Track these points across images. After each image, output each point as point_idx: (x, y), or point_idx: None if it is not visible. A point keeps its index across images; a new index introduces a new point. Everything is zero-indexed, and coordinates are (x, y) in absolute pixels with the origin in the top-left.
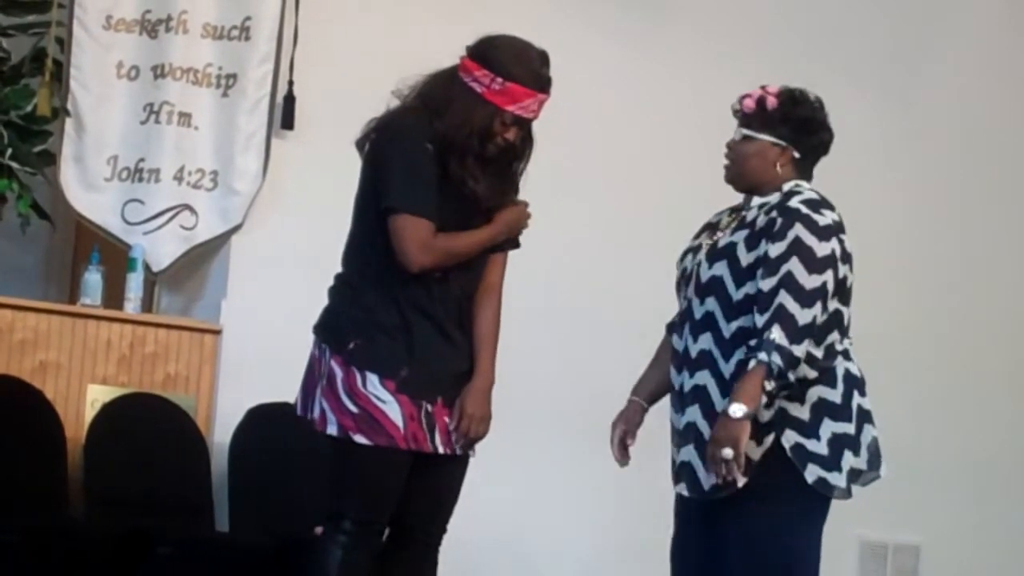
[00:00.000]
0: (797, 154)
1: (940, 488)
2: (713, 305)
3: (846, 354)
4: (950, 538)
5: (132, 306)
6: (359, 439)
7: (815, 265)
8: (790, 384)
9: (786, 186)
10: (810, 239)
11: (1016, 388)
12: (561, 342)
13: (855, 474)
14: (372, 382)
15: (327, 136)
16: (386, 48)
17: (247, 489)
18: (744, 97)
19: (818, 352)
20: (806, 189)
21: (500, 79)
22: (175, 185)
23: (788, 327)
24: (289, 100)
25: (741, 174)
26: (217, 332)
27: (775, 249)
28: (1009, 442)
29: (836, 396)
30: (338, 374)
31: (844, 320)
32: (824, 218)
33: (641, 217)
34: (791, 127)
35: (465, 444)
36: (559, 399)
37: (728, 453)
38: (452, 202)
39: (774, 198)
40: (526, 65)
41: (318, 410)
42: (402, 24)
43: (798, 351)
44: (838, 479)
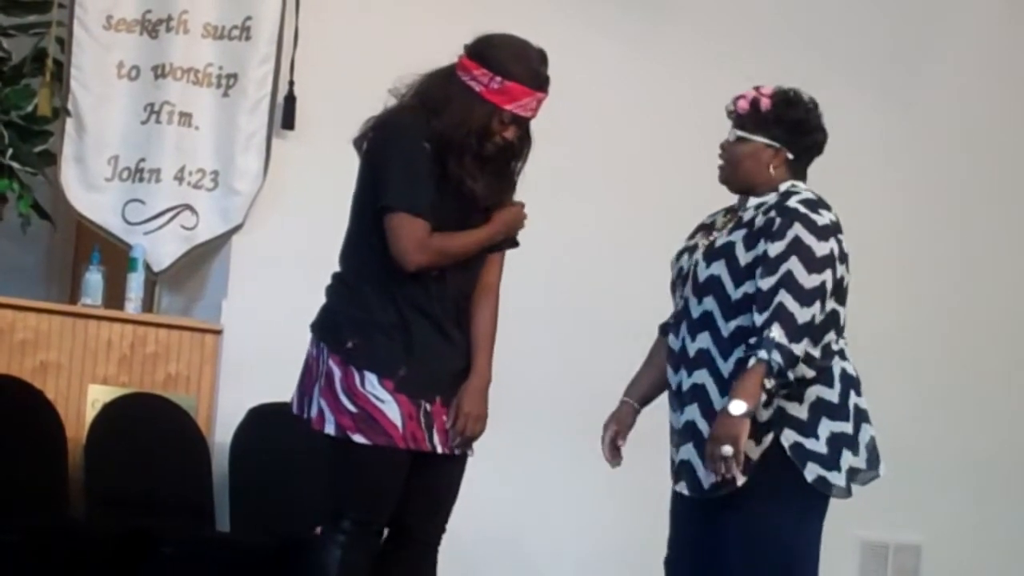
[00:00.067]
0: (791, 155)
1: (941, 488)
2: (711, 304)
3: (842, 354)
4: (951, 538)
5: (133, 306)
6: (357, 439)
7: (814, 265)
8: (789, 383)
9: (783, 186)
10: (809, 239)
11: (1016, 388)
12: (561, 342)
13: (854, 473)
14: (371, 381)
15: (328, 136)
16: (386, 48)
17: (248, 489)
18: (738, 98)
19: (816, 352)
20: (803, 189)
21: (499, 78)
22: (176, 185)
23: (788, 326)
24: (290, 100)
25: (735, 175)
26: (218, 332)
27: (774, 248)
28: (1009, 442)
29: (833, 396)
30: (336, 373)
31: (840, 320)
32: (822, 218)
33: (641, 217)
34: (785, 128)
35: (462, 443)
36: (559, 399)
37: (728, 451)
38: (450, 201)
39: (771, 198)
40: (525, 64)
41: (316, 409)
42: (402, 24)
43: (797, 350)
44: (837, 478)
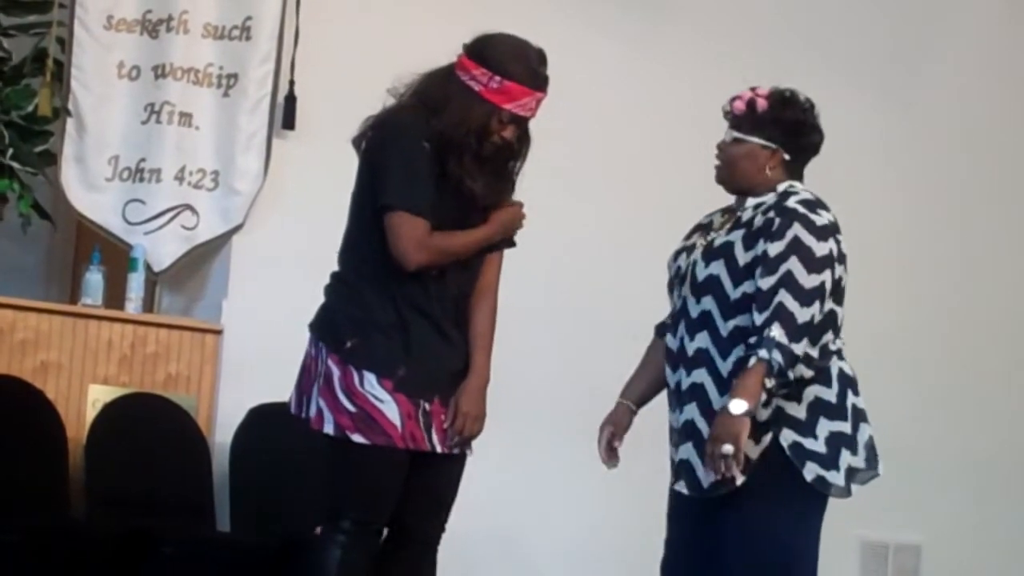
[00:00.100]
0: (787, 156)
1: (941, 488)
2: (710, 304)
3: (839, 354)
4: (951, 538)
5: (133, 306)
6: (357, 438)
7: (814, 265)
8: (789, 382)
9: (781, 186)
10: (809, 239)
11: (1016, 388)
12: (561, 342)
13: (853, 472)
14: (370, 381)
15: (328, 136)
16: (387, 48)
17: (248, 489)
18: (734, 99)
19: (814, 352)
20: (802, 189)
21: (498, 77)
22: (176, 185)
23: (788, 325)
24: (290, 100)
25: (732, 176)
26: (218, 332)
27: (774, 248)
28: (1010, 442)
29: (831, 395)
30: (335, 373)
31: (838, 320)
32: (821, 218)
33: (641, 217)
34: (781, 129)
35: (460, 442)
36: (559, 399)
37: (728, 449)
38: (449, 201)
39: (770, 198)
40: (524, 63)
41: (314, 409)
42: (403, 24)
43: (798, 349)
44: (836, 477)
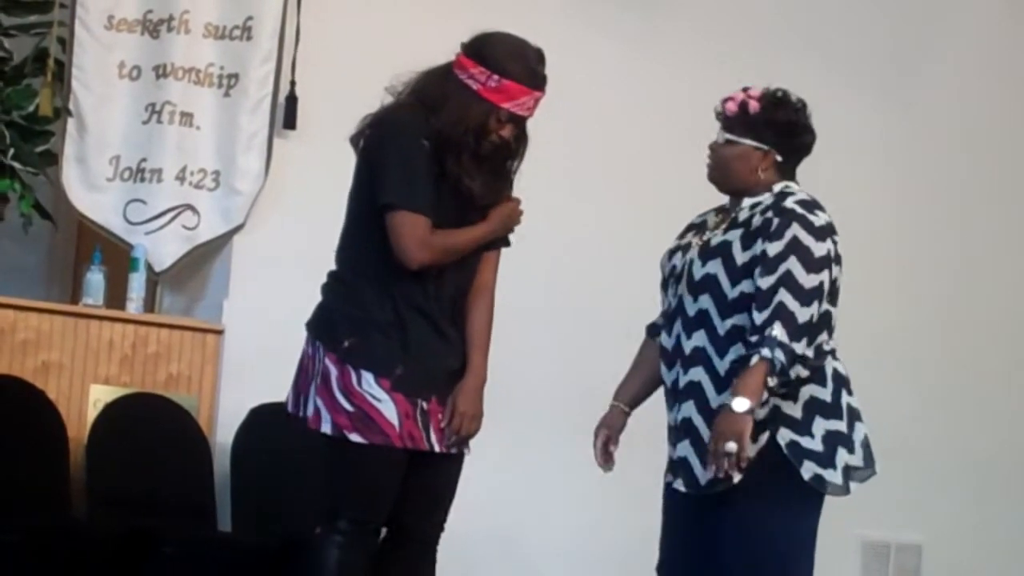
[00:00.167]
0: (780, 158)
1: (942, 488)
2: (707, 303)
3: (834, 353)
4: (952, 537)
5: (134, 306)
6: (354, 438)
7: (813, 265)
8: (790, 381)
9: (777, 187)
10: (807, 239)
11: (1016, 388)
12: (560, 342)
13: (851, 471)
14: (367, 380)
15: (329, 136)
16: (388, 48)
17: (249, 489)
18: (726, 100)
19: (809, 351)
20: (798, 190)
21: (496, 76)
22: (177, 185)
23: (789, 325)
24: (291, 100)
25: (724, 176)
26: (219, 332)
27: (773, 248)
28: (1010, 441)
29: (826, 395)
30: (333, 372)
31: (832, 320)
32: (819, 219)
33: (640, 216)
34: (774, 131)
35: (458, 442)
36: (558, 398)
37: (732, 447)
38: (448, 199)
39: (766, 198)
40: (522, 62)
41: (312, 408)
42: (404, 24)
43: (798, 348)
44: (834, 476)
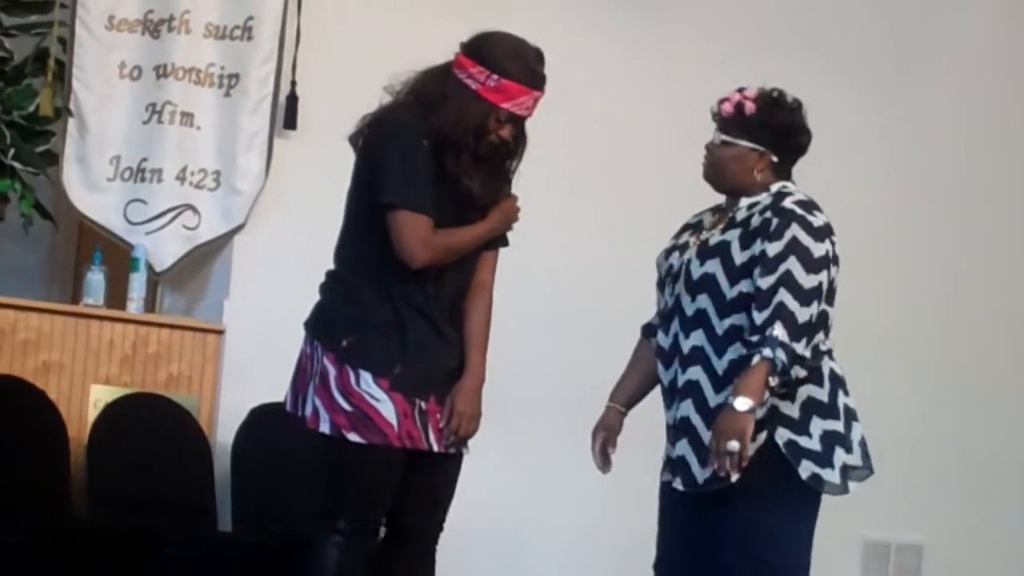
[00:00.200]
0: (775, 158)
1: (942, 488)
2: (706, 302)
3: (830, 354)
4: (952, 537)
5: (135, 306)
6: (353, 437)
7: (813, 265)
8: (790, 381)
9: (774, 187)
10: (807, 239)
11: (1016, 387)
12: (560, 342)
13: (850, 470)
14: (366, 380)
15: (330, 136)
16: (388, 48)
17: (250, 489)
18: (722, 101)
19: (807, 352)
20: (795, 190)
21: (495, 76)
22: (177, 185)
23: (789, 325)
24: (291, 100)
25: (720, 177)
26: (220, 332)
27: (773, 248)
28: (1011, 441)
29: (823, 395)
30: (331, 372)
31: (828, 320)
32: (817, 219)
33: (640, 216)
34: (770, 132)
35: (456, 442)
36: (558, 398)
37: (734, 446)
38: (447, 199)
39: (764, 198)
40: (521, 62)
41: (310, 408)
42: (404, 24)
43: (799, 349)
44: (831, 475)
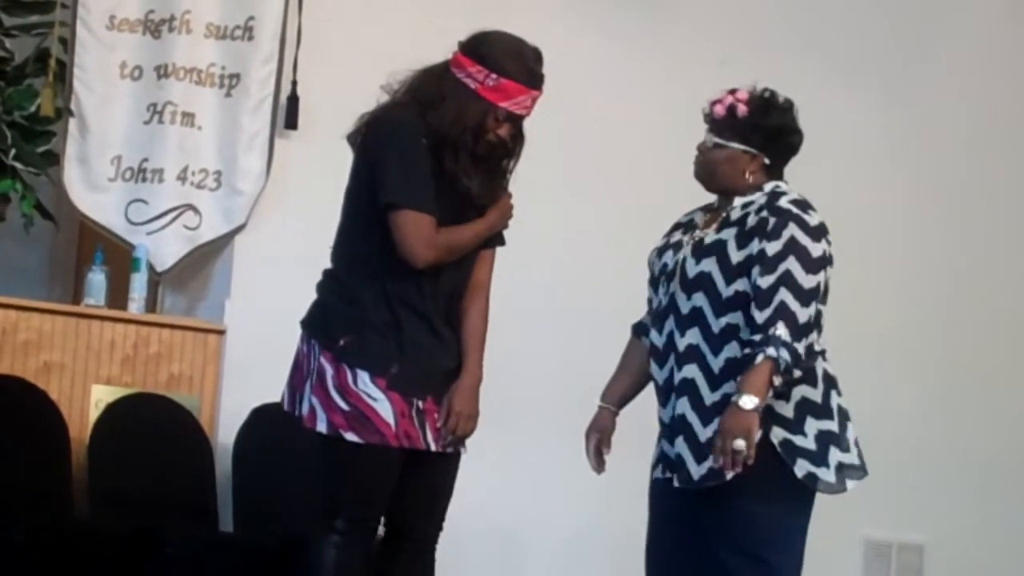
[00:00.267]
0: (768, 160)
1: (944, 487)
2: (701, 300)
3: (823, 354)
4: (954, 537)
5: (136, 306)
6: (350, 437)
7: (811, 265)
8: (792, 381)
9: (768, 186)
10: (805, 239)
11: (1017, 387)
12: (560, 342)
13: (845, 469)
14: (363, 379)
15: (330, 136)
16: (389, 48)
17: (251, 489)
18: (714, 103)
19: (805, 352)
20: (789, 189)
21: (495, 75)
22: (179, 185)
23: (791, 325)
24: (292, 100)
25: (712, 179)
26: (221, 332)
27: (771, 248)
28: (1012, 441)
29: (817, 395)
30: (328, 371)
31: (821, 321)
32: (813, 219)
33: (640, 216)
34: (762, 135)
35: (453, 442)
36: (558, 398)
37: (740, 444)
38: (445, 198)
39: (759, 198)
40: (520, 62)
41: (307, 407)
42: (404, 24)
43: (800, 348)
44: (827, 474)
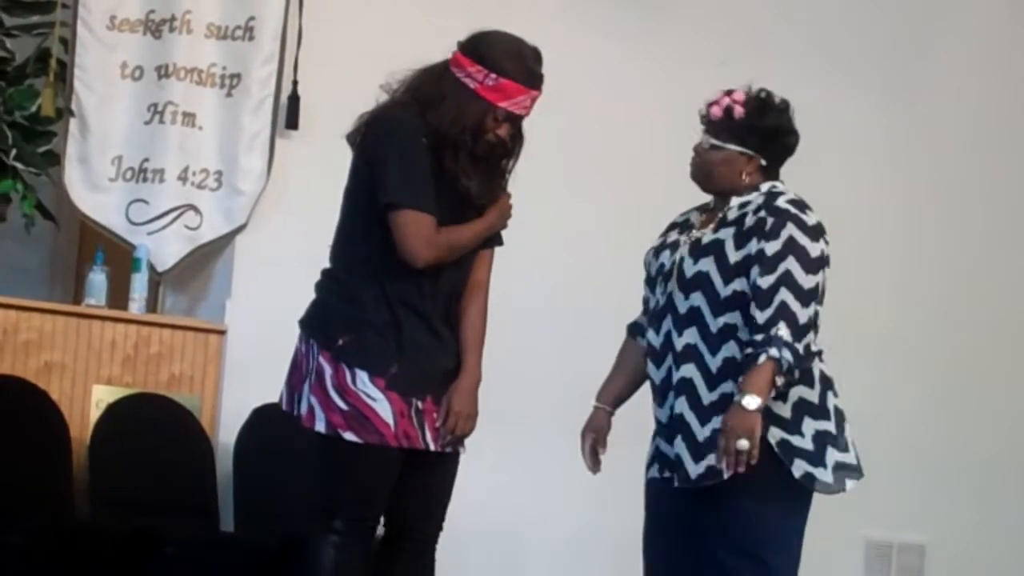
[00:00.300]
0: (764, 161)
1: (944, 487)
2: (699, 300)
3: (820, 355)
4: (955, 537)
5: (137, 306)
6: (349, 437)
7: (811, 265)
8: (794, 381)
9: (764, 186)
10: (803, 239)
11: (1017, 387)
12: (560, 342)
13: (843, 468)
14: (362, 379)
15: (331, 136)
16: (389, 48)
17: (252, 489)
18: (711, 104)
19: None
20: (786, 189)
21: (494, 75)
22: (179, 185)
23: (792, 325)
24: (293, 100)
25: (709, 180)
26: (222, 332)
27: (770, 247)
28: (1012, 441)
29: (814, 396)
30: (327, 370)
31: (818, 321)
32: (810, 219)
33: (640, 216)
34: (759, 136)
35: (452, 441)
36: (558, 398)
37: (744, 444)
38: (445, 198)
39: (756, 197)
40: (520, 62)
41: (305, 406)
42: (405, 24)
43: (801, 349)
44: (824, 474)
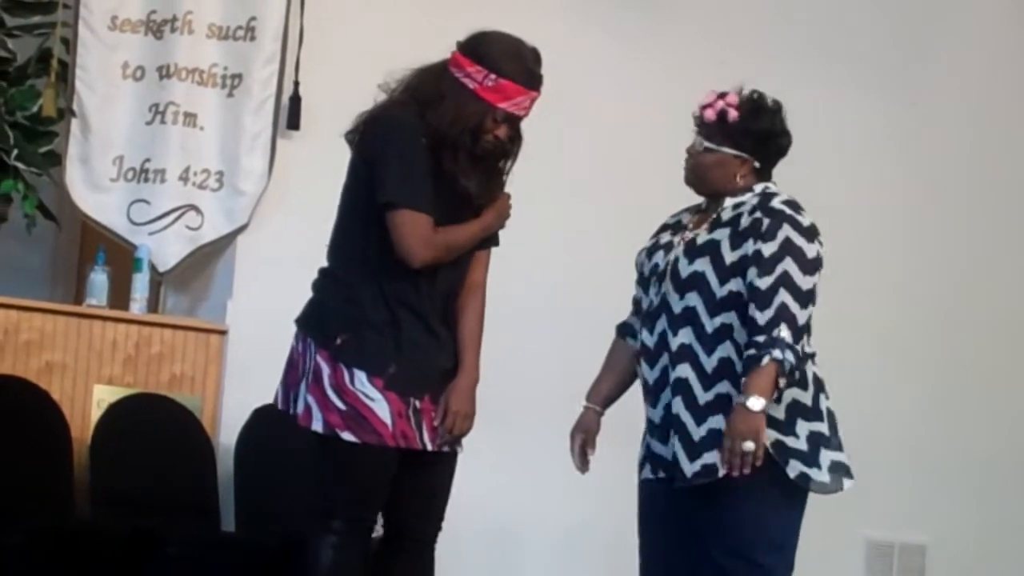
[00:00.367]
0: (758, 163)
1: (945, 488)
2: (695, 300)
3: (812, 357)
4: (956, 537)
5: (138, 306)
6: (347, 436)
7: (807, 267)
8: (793, 382)
9: (758, 187)
10: (799, 240)
11: (1018, 387)
12: (559, 341)
13: (839, 467)
14: (360, 379)
15: (332, 136)
16: (390, 48)
17: (253, 489)
18: (704, 107)
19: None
20: (780, 191)
21: (493, 76)
22: (181, 185)
23: (792, 326)
24: (294, 100)
25: (703, 182)
26: (223, 332)
27: (768, 248)
28: (1011, 441)
29: (807, 398)
30: (324, 370)
31: (811, 323)
32: (805, 220)
33: (640, 217)
34: (753, 139)
35: (450, 441)
36: (556, 398)
37: (750, 446)
38: (443, 198)
39: (750, 198)
40: (519, 62)
41: (302, 405)
42: (405, 24)
43: (799, 350)
44: (819, 474)
